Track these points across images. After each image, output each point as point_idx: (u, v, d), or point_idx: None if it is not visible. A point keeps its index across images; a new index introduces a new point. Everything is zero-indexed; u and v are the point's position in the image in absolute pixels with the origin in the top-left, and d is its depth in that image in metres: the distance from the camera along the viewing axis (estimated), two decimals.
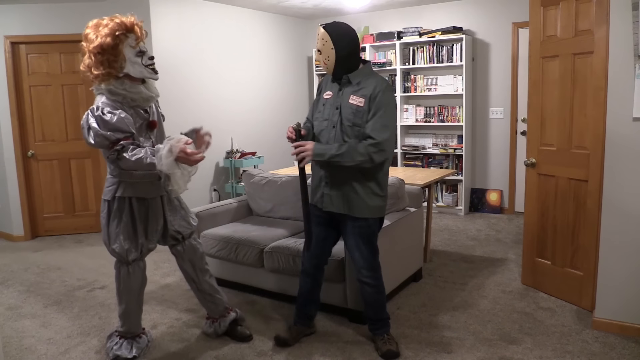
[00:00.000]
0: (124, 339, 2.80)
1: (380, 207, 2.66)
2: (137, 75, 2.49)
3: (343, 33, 2.48)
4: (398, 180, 3.53)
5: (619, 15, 2.73)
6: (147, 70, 2.51)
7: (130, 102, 2.50)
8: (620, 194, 2.83)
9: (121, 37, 2.42)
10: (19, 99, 5.31)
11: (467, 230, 5.27)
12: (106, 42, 2.38)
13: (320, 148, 2.50)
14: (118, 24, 2.42)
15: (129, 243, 2.63)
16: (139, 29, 2.50)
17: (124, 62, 2.44)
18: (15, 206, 5.38)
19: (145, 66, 2.50)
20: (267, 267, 3.38)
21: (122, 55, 2.43)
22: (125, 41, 2.44)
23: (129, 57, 2.45)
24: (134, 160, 2.36)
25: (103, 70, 2.41)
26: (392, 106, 2.52)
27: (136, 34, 2.47)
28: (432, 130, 6.29)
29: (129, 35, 2.45)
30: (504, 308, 3.32)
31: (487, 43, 5.91)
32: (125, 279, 2.71)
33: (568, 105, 3.24)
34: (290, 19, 6.81)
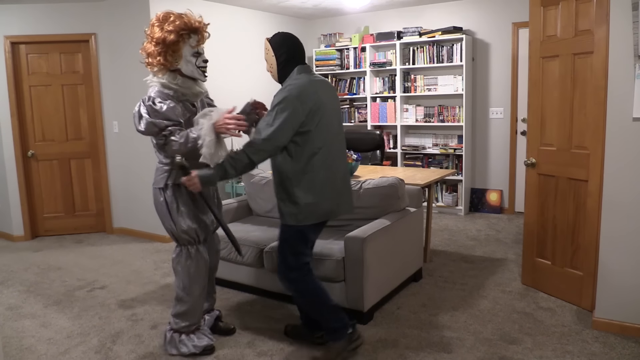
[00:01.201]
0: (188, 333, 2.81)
1: (292, 214, 2.51)
2: (187, 74, 2.63)
3: (281, 42, 2.53)
4: (398, 180, 3.53)
5: (619, 15, 2.73)
6: (198, 71, 2.66)
7: (180, 96, 2.64)
8: (620, 194, 2.83)
9: (184, 36, 2.56)
10: (19, 99, 5.31)
11: (467, 230, 5.27)
12: (169, 38, 2.51)
13: (204, 175, 2.46)
14: (185, 23, 2.55)
15: (196, 222, 2.72)
16: (203, 32, 2.65)
17: (179, 59, 2.58)
18: (15, 206, 5.38)
19: (198, 67, 2.65)
20: (267, 267, 3.38)
21: (180, 52, 2.57)
22: (187, 40, 2.58)
23: (186, 56, 2.60)
24: (182, 140, 2.48)
25: (160, 60, 2.54)
26: (283, 106, 2.37)
27: (199, 35, 2.63)
28: (432, 130, 6.29)
29: (192, 36, 2.60)
30: (504, 308, 3.32)
31: (487, 43, 5.91)
32: (197, 260, 2.74)
33: (568, 105, 3.24)
34: (290, 19, 6.81)
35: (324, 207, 2.54)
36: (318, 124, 2.46)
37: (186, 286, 2.75)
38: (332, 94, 2.62)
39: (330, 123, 2.54)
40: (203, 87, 2.78)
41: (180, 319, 2.79)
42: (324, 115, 2.49)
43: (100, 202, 5.61)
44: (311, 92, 2.44)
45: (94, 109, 5.46)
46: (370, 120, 6.50)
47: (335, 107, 2.63)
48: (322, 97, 2.49)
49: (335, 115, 2.60)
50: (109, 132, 5.50)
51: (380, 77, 6.48)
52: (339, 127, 2.63)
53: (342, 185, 2.63)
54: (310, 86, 2.46)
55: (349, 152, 4.35)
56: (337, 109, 2.65)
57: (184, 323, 2.79)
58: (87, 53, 5.38)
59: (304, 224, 2.53)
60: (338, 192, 2.59)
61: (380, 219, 3.38)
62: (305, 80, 2.47)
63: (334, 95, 2.65)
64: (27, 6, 5.18)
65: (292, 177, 2.48)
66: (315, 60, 6.78)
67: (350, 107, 6.77)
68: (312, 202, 2.50)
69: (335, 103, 2.63)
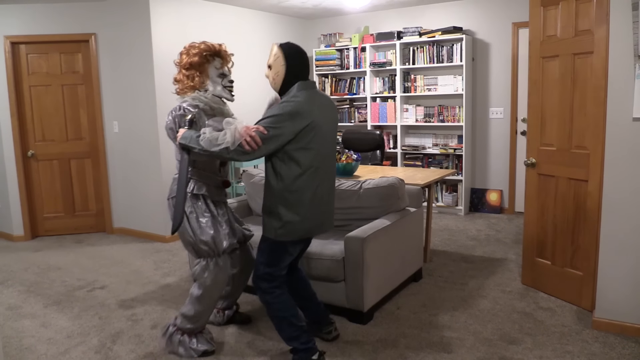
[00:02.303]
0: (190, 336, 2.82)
1: (273, 228, 2.49)
2: (215, 93, 2.78)
3: (295, 55, 2.50)
4: (398, 180, 3.53)
5: (619, 15, 2.73)
6: (225, 91, 2.80)
7: (208, 111, 2.73)
8: (620, 194, 2.83)
9: (208, 57, 2.73)
10: (19, 99, 5.31)
11: (467, 230, 5.27)
12: (194, 60, 2.70)
13: (188, 132, 2.51)
14: (208, 47, 2.73)
15: (216, 233, 2.72)
16: (226, 55, 2.81)
17: (206, 80, 2.75)
18: (15, 206, 5.38)
19: (224, 87, 2.79)
20: None
21: (206, 73, 2.74)
22: (212, 62, 2.75)
23: (212, 76, 2.76)
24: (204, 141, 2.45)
25: (189, 83, 2.72)
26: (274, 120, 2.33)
27: (223, 58, 2.79)
28: (432, 130, 6.29)
29: (216, 59, 2.76)
30: (504, 308, 3.32)
31: (487, 43, 5.91)
32: (215, 273, 2.73)
33: (568, 105, 3.24)
34: (290, 19, 6.81)
35: (306, 225, 2.50)
36: (309, 144, 2.40)
37: (199, 295, 2.75)
38: (331, 113, 2.55)
39: (323, 144, 2.48)
40: (228, 111, 2.87)
41: (186, 320, 2.79)
42: (317, 135, 2.42)
43: (100, 202, 5.61)
44: (307, 111, 2.37)
45: (94, 109, 5.46)
46: (370, 120, 6.50)
47: (332, 128, 2.56)
48: (318, 117, 2.43)
49: (330, 136, 2.54)
50: (109, 132, 5.50)
51: (380, 77, 6.48)
52: (332, 147, 2.57)
53: (327, 205, 2.58)
54: (307, 105, 2.39)
55: (349, 152, 4.36)
56: (333, 130, 2.58)
57: (188, 325, 2.79)
58: (87, 53, 5.38)
59: (282, 239, 2.50)
60: (322, 212, 2.55)
61: (380, 219, 3.38)
62: (304, 98, 2.41)
63: (333, 115, 2.58)
64: (27, 6, 5.18)
65: (277, 194, 2.45)
66: (315, 60, 6.78)
67: (350, 107, 6.77)
68: (295, 221, 2.46)
69: (332, 124, 2.56)
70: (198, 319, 2.79)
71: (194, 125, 2.61)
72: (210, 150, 2.39)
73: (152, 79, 5.02)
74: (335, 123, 2.61)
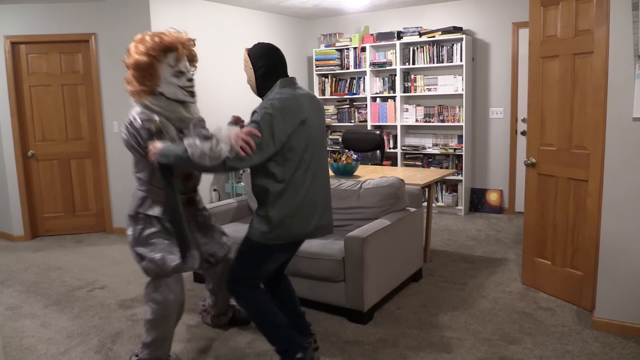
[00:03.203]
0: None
1: (263, 232, 2.32)
2: (171, 96, 2.42)
3: (259, 54, 2.34)
4: (398, 180, 3.53)
5: (619, 15, 2.73)
6: (182, 92, 2.43)
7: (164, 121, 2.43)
8: (620, 194, 2.83)
9: (157, 56, 2.35)
10: (19, 99, 5.31)
11: (467, 230, 5.27)
12: (141, 60, 2.33)
13: (165, 148, 2.27)
14: (156, 43, 2.34)
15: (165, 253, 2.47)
16: (182, 48, 2.41)
17: (159, 81, 2.38)
18: (15, 206, 5.38)
19: (182, 87, 2.42)
20: None
21: (157, 74, 2.37)
22: (163, 60, 2.37)
23: (166, 77, 2.39)
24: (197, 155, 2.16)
25: (138, 86, 2.37)
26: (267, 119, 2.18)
27: (177, 53, 2.39)
28: (432, 130, 6.29)
29: (168, 55, 2.38)
30: (504, 308, 3.32)
31: (487, 43, 5.90)
32: (165, 295, 2.49)
33: (568, 105, 3.24)
34: (290, 19, 6.81)
35: (298, 228, 2.34)
36: (301, 141, 2.28)
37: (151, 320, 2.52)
38: (319, 109, 2.43)
39: (314, 141, 2.35)
40: (193, 113, 2.53)
41: (146, 349, 2.55)
42: (308, 132, 2.30)
43: (100, 202, 5.61)
44: (295, 107, 2.26)
45: (94, 109, 5.46)
46: (370, 120, 6.50)
47: (320, 125, 2.43)
48: (308, 113, 2.31)
49: (319, 133, 2.41)
50: (109, 132, 5.50)
51: (380, 77, 6.48)
52: (322, 144, 2.44)
53: (322, 206, 2.43)
54: (295, 100, 2.27)
55: (349, 152, 4.36)
56: (322, 127, 2.46)
57: (150, 355, 2.54)
58: (87, 53, 5.38)
59: (272, 243, 2.35)
60: (318, 214, 2.40)
61: (380, 219, 3.38)
62: (290, 94, 2.28)
63: (320, 111, 2.45)
64: (27, 6, 5.18)
65: (269, 195, 2.30)
66: (315, 60, 6.78)
67: (350, 107, 6.77)
68: (286, 223, 2.31)
69: (320, 120, 2.43)
70: (157, 347, 2.53)
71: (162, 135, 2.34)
72: (205, 164, 2.17)
73: None
74: (323, 117, 2.48)
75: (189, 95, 2.45)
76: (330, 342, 2.92)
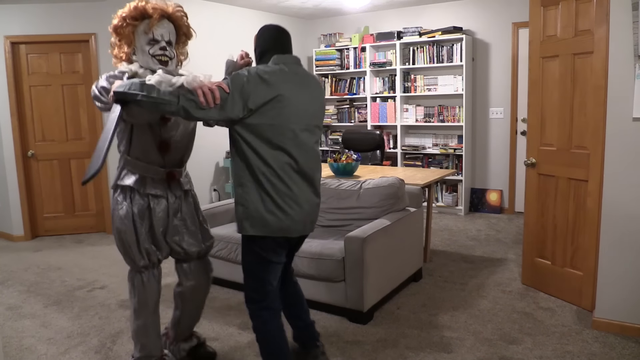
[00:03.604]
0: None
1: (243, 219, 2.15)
2: (143, 64, 2.29)
3: (259, 34, 2.27)
4: (398, 180, 3.53)
5: (619, 15, 2.73)
6: (153, 60, 2.28)
7: None
8: (620, 194, 2.83)
9: (131, 21, 2.26)
10: (19, 99, 5.31)
11: (467, 230, 5.27)
12: (117, 24, 2.28)
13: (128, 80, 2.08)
14: (131, 9, 2.26)
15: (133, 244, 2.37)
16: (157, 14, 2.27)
17: (135, 49, 2.30)
18: (15, 206, 5.38)
19: (153, 55, 2.28)
20: None
21: (131, 41, 2.29)
22: (139, 27, 2.28)
23: (140, 45, 2.29)
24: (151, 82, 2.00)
25: (117, 52, 2.31)
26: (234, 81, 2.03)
27: (152, 20, 2.26)
28: (432, 130, 6.29)
29: (142, 22, 2.28)
30: (504, 308, 3.32)
31: (487, 43, 5.90)
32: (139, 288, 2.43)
33: (568, 105, 3.24)
34: (290, 19, 6.81)
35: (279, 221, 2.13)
36: (277, 119, 2.06)
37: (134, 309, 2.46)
38: (311, 93, 2.21)
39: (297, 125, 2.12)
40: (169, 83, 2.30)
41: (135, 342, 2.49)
42: (286, 112, 2.08)
43: (100, 202, 5.61)
44: (274, 82, 2.05)
45: (94, 109, 5.46)
46: (370, 120, 6.50)
47: (312, 110, 2.20)
48: (290, 92, 2.10)
49: (308, 118, 2.18)
50: None
51: (380, 77, 6.48)
52: (311, 132, 2.20)
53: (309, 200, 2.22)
54: (276, 76, 2.07)
55: (349, 152, 4.36)
56: (315, 113, 2.22)
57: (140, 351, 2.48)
58: (87, 53, 5.38)
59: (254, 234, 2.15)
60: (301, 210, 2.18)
61: (380, 219, 3.38)
62: (276, 69, 2.10)
63: (315, 94, 2.23)
64: (27, 6, 5.18)
65: (245, 181, 2.13)
66: (315, 60, 6.78)
67: (350, 107, 6.77)
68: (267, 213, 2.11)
69: (312, 104, 2.20)
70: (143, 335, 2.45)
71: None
72: (155, 96, 1.97)
73: None
74: (317, 105, 2.24)
75: (158, 63, 2.30)
76: (330, 342, 2.92)
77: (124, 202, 2.37)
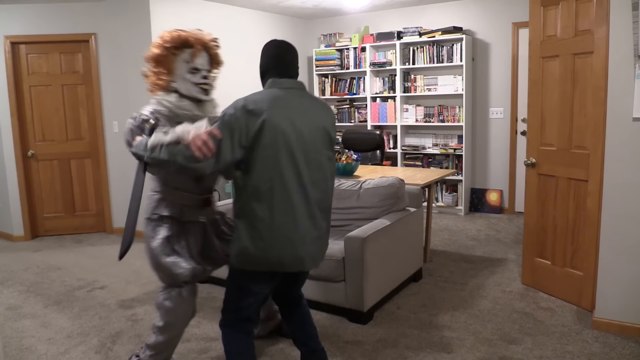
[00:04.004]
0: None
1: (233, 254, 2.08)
2: (185, 93, 2.36)
3: (262, 52, 2.22)
4: (398, 180, 3.53)
5: (619, 15, 2.73)
6: (196, 89, 2.36)
7: (174, 118, 2.34)
8: (620, 194, 2.83)
9: (172, 50, 2.32)
10: (19, 99, 5.31)
11: (467, 230, 5.27)
12: (157, 54, 2.33)
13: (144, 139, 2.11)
14: (173, 38, 2.32)
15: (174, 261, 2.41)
16: (199, 46, 2.35)
17: (174, 77, 2.35)
18: (15, 206, 5.38)
19: (196, 84, 2.36)
20: None
21: (172, 69, 2.34)
22: (180, 55, 2.34)
23: (181, 73, 2.35)
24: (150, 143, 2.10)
25: (154, 80, 2.37)
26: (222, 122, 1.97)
27: (194, 49, 2.34)
28: (432, 130, 6.29)
29: (185, 50, 2.34)
30: (504, 308, 3.32)
31: (487, 43, 5.90)
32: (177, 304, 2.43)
33: (568, 105, 3.24)
34: (290, 19, 6.81)
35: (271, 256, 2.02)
36: (267, 149, 1.95)
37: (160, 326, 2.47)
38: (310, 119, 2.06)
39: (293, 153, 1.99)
40: (207, 111, 2.43)
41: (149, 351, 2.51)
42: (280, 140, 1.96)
43: (100, 202, 5.61)
44: (260, 109, 1.93)
45: (94, 109, 5.46)
46: (370, 120, 6.50)
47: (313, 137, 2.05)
48: (279, 116, 1.97)
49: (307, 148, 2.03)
50: (109, 132, 5.50)
51: (380, 77, 6.48)
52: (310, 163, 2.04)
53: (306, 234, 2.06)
54: (265, 103, 1.96)
55: (349, 152, 4.36)
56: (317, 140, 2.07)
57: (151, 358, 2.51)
58: (87, 53, 5.38)
59: (242, 267, 2.09)
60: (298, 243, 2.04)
61: (380, 219, 3.38)
62: (265, 95, 2.00)
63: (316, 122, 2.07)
64: (27, 6, 5.18)
65: (237, 212, 2.06)
66: (315, 60, 6.78)
67: (350, 107, 6.77)
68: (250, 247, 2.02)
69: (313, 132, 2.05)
70: (160, 351, 2.49)
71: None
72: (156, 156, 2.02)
73: None
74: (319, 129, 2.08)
75: (203, 93, 2.38)
76: (330, 342, 2.92)
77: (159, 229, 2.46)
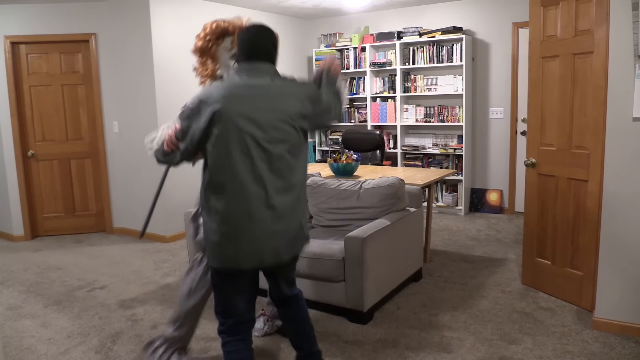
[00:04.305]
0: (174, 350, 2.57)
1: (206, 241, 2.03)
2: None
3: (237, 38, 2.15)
4: (398, 180, 3.53)
5: (619, 15, 2.73)
6: None
7: None
8: (620, 194, 2.83)
9: (213, 40, 2.46)
10: (19, 99, 5.31)
11: (467, 230, 5.27)
12: (199, 45, 2.47)
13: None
14: (212, 29, 2.46)
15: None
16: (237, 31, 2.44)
17: (219, 65, 2.49)
18: (15, 206, 5.38)
19: None
20: None
21: (216, 58, 2.49)
22: (221, 44, 2.48)
23: (224, 61, 2.49)
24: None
25: (203, 72, 2.49)
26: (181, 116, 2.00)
27: (234, 37, 2.46)
28: (432, 130, 6.30)
29: (225, 39, 2.48)
30: (504, 308, 3.32)
31: (487, 43, 5.91)
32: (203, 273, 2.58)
33: (568, 105, 3.24)
34: (290, 19, 6.81)
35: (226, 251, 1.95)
36: (219, 140, 1.90)
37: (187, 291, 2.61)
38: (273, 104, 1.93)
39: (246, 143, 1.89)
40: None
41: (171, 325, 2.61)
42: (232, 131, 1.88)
43: (100, 202, 5.61)
44: (212, 98, 1.90)
45: (94, 109, 5.46)
46: (370, 120, 6.50)
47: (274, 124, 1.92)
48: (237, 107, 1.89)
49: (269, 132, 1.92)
50: (109, 132, 5.50)
51: (380, 77, 6.48)
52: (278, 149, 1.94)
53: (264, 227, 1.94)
54: (219, 90, 1.93)
55: (349, 152, 4.36)
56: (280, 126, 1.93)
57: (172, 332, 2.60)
58: (87, 53, 5.38)
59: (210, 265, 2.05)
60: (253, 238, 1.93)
61: (380, 219, 3.38)
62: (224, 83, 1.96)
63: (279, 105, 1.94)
64: (27, 6, 5.18)
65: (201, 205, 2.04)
66: (316, 60, 6.78)
67: (350, 107, 6.78)
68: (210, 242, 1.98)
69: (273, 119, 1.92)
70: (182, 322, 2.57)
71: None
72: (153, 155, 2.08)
73: (152, 79, 5.02)
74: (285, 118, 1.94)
75: None
76: (330, 342, 2.92)
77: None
